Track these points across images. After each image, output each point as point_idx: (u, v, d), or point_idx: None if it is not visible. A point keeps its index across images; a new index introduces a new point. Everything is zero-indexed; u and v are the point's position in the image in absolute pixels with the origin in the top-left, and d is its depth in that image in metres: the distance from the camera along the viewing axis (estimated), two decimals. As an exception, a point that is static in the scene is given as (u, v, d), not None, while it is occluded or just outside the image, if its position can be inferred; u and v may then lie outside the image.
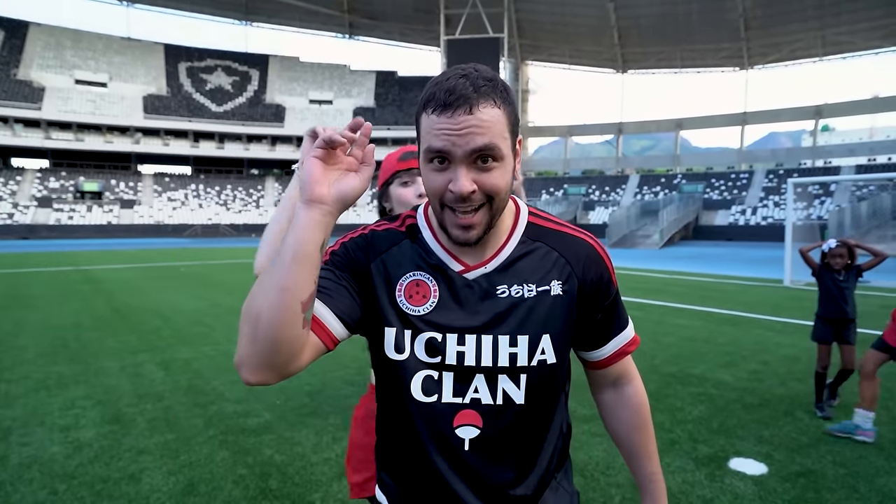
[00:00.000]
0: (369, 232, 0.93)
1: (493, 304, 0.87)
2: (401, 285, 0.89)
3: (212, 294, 10.23)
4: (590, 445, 3.30)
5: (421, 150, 0.83)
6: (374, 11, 54.40)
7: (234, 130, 52.91)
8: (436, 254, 0.90)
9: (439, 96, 0.79)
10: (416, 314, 0.87)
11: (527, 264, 0.90)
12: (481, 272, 0.89)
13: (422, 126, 0.82)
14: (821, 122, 48.66)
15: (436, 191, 0.82)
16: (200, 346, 6.01)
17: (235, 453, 3.23)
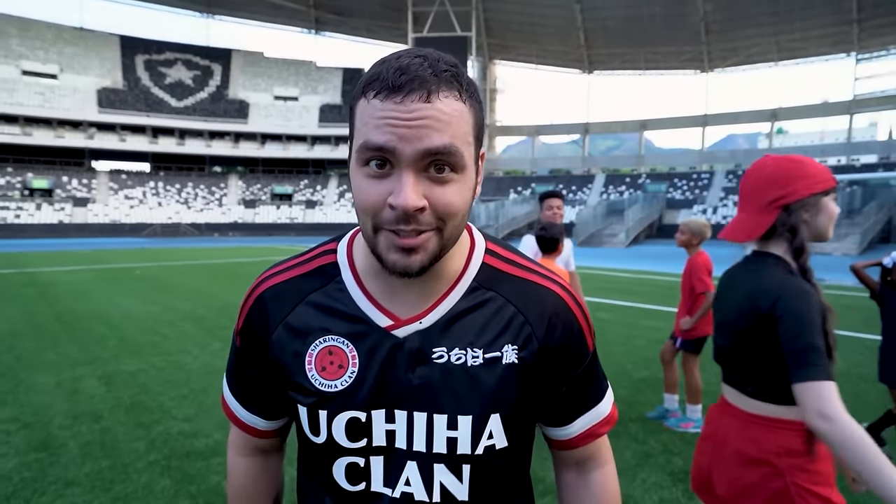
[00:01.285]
0: (268, 290, 0.74)
1: (427, 372, 0.69)
2: (310, 356, 0.71)
3: (167, 298, 9.72)
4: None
5: (353, 148, 0.62)
6: (341, 7, 53.59)
7: (196, 126, 51.28)
8: (356, 303, 0.71)
9: (386, 76, 0.58)
10: (332, 390, 0.69)
11: (474, 321, 0.70)
12: (415, 328, 0.69)
13: (357, 116, 0.61)
14: (776, 124, 50.51)
15: (371, 206, 0.61)
16: (149, 356, 5.62)
17: (178, 481, 2.93)
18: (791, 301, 1.19)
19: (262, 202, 50.88)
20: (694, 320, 3.58)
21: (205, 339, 6.46)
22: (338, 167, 57.38)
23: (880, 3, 39.12)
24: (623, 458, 3.22)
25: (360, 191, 0.61)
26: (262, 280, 0.76)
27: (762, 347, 1.25)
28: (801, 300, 1.19)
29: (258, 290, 0.75)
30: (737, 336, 1.33)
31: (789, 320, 1.17)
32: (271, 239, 39.36)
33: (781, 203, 1.27)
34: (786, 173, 1.28)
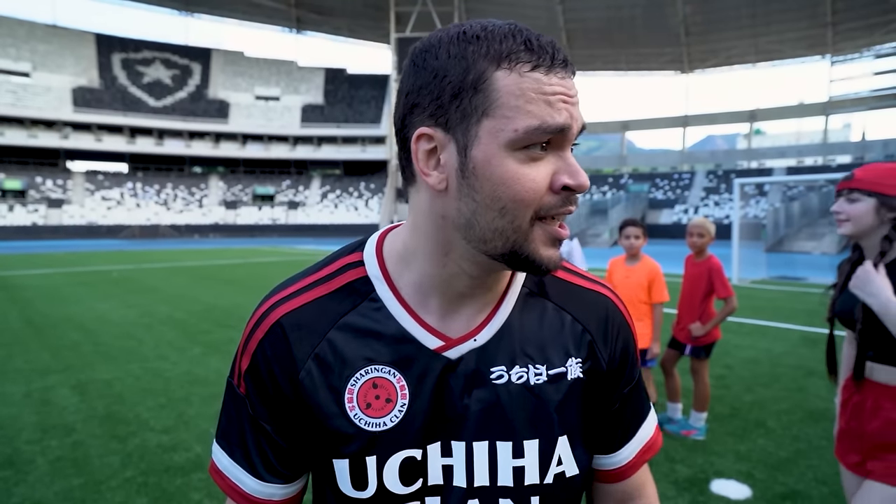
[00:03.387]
0: (286, 316, 0.60)
1: (486, 395, 0.60)
2: (350, 392, 0.59)
3: (145, 302, 9.40)
4: None
5: (500, 130, 0.51)
6: (323, 6, 53.06)
7: (175, 126, 50.37)
8: (399, 323, 0.60)
9: (535, 46, 0.51)
10: (382, 429, 0.59)
11: (533, 333, 0.62)
12: (469, 347, 0.60)
13: (503, 90, 0.51)
14: (754, 125, 51.36)
15: (536, 193, 0.52)
16: (126, 363, 5.37)
17: (156, 500, 2.74)
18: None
19: (243, 203, 50.14)
20: (710, 326, 3.41)
21: (184, 344, 6.21)
22: (320, 168, 56.81)
23: (853, 7, 40.02)
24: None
25: (518, 178, 0.51)
26: (275, 304, 0.61)
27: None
28: None
29: (272, 318, 0.60)
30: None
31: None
32: (253, 240, 38.77)
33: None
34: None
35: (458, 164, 0.53)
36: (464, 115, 0.52)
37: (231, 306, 8.91)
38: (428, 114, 0.53)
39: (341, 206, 50.63)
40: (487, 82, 0.51)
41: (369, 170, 55.17)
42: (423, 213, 0.58)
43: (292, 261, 19.18)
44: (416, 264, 0.60)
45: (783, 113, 49.54)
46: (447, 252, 0.58)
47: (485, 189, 0.52)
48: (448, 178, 0.54)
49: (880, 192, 1.43)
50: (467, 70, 0.51)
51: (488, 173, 0.52)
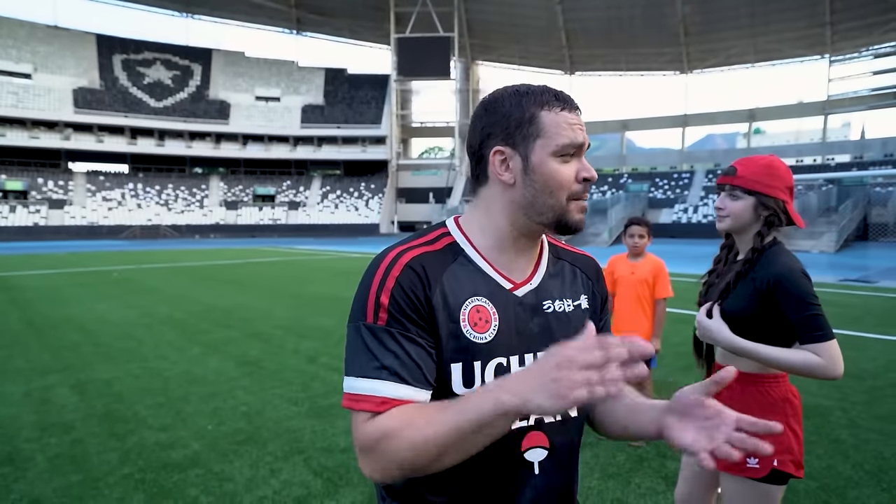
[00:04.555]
0: (413, 260, 0.84)
1: (542, 320, 0.89)
2: (463, 314, 0.84)
3: (145, 302, 9.45)
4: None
5: (547, 146, 0.84)
6: (323, 7, 53.13)
7: (176, 127, 50.41)
8: (485, 272, 0.88)
9: (561, 97, 0.86)
10: (484, 342, 0.84)
11: (562, 280, 0.95)
12: (529, 288, 0.90)
13: (545, 123, 0.84)
14: (753, 124, 51.36)
15: (566, 182, 0.85)
16: (125, 363, 5.41)
17: (153, 496, 2.78)
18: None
19: (243, 203, 50.19)
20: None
21: (183, 344, 6.26)
22: (321, 168, 56.86)
23: (851, 7, 40.04)
24: (616, 463, 3.15)
25: (557, 173, 0.84)
26: (399, 253, 0.85)
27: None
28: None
29: (402, 261, 0.83)
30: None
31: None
32: (254, 240, 38.82)
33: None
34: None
35: (521, 167, 0.85)
36: (524, 137, 0.85)
37: (231, 306, 8.96)
38: (500, 139, 0.86)
39: (341, 206, 50.67)
40: (538, 118, 0.84)
41: (369, 170, 55.21)
42: (495, 200, 0.89)
43: (293, 261, 19.22)
44: (490, 233, 0.89)
45: (782, 112, 49.52)
46: (513, 224, 0.88)
47: (540, 181, 0.85)
48: (515, 176, 0.86)
49: (758, 192, 1.53)
50: (524, 112, 0.84)
51: (542, 170, 0.84)
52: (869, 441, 3.37)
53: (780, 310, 1.46)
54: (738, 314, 1.54)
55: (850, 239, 25.82)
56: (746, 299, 1.52)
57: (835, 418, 3.76)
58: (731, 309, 1.56)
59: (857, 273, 13.55)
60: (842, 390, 4.37)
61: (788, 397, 1.54)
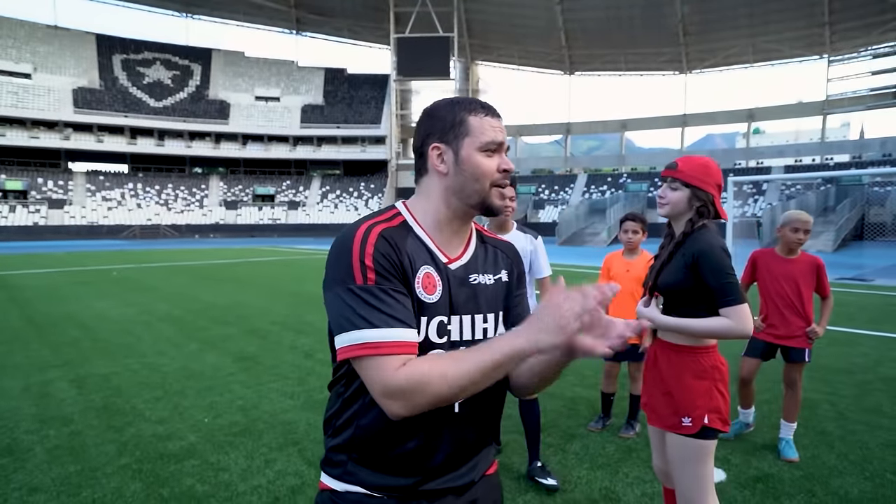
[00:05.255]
0: (384, 231, 1.01)
1: (469, 290, 1.07)
2: (418, 278, 1.02)
3: (144, 300, 9.50)
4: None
5: (476, 141, 1.04)
6: (323, 7, 53.14)
7: (175, 127, 50.43)
8: (430, 247, 1.06)
9: (485, 105, 1.08)
10: (431, 302, 1.02)
11: (485, 259, 1.14)
12: (460, 263, 1.09)
13: (470, 126, 1.05)
14: (752, 124, 51.36)
15: (489, 172, 1.05)
16: (124, 358, 5.47)
17: (150, 485, 2.84)
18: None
19: (243, 203, 50.22)
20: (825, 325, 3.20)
21: (181, 340, 6.31)
22: (320, 168, 56.88)
23: (850, 7, 40.05)
24: (606, 453, 3.21)
25: (481, 164, 1.04)
26: (371, 226, 1.01)
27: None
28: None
29: (375, 231, 1.00)
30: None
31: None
32: (253, 240, 38.86)
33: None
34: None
35: (454, 160, 1.05)
36: (455, 136, 1.05)
37: (229, 304, 9.01)
38: (437, 137, 1.06)
39: (341, 205, 50.70)
40: (466, 121, 1.04)
41: (369, 170, 55.23)
42: (434, 187, 1.08)
43: (292, 260, 19.27)
44: (431, 215, 1.08)
45: (781, 112, 49.53)
46: (448, 206, 1.07)
47: (468, 170, 1.04)
48: (449, 167, 1.06)
49: (694, 185, 1.77)
50: (455, 116, 1.05)
51: (469, 162, 1.04)
52: (855, 432, 3.43)
53: (701, 278, 1.70)
54: (673, 286, 1.79)
55: (847, 238, 25.86)
56: (678, 273, 1.76)
57: (822, 411, 3.81)
58: (668, 282, 1.80)
59: (853, 272, 13.60)
60: (831, 384, 4.42)
61: (717, 365, 1.80)
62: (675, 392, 1.78)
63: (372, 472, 1.04)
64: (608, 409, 3.67)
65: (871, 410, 3.83)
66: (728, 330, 1.67)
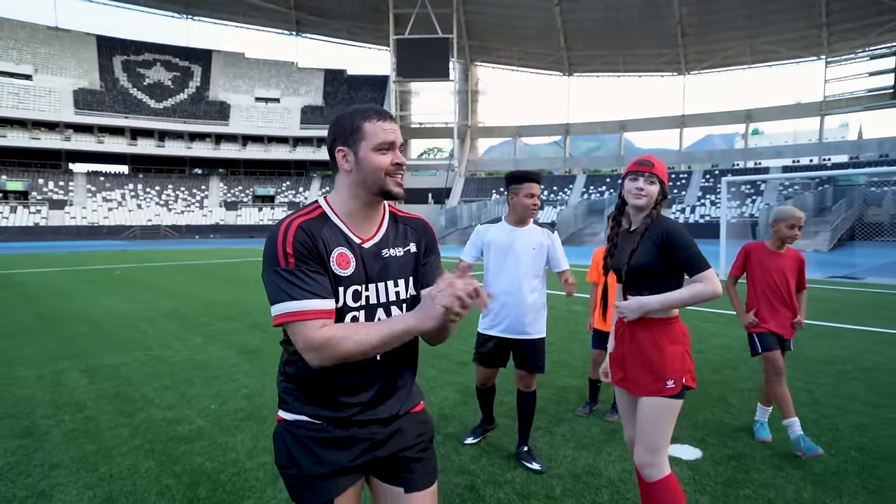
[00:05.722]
0: (304, 222, 1.27)
1: (382, 262, 1.36)
2: (333, 257, 1.28)
3: (148, 297, 9.69)
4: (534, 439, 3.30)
5: (370, 143, 1.30)
6: (322, 9, 53.35)
7: (176, 128, 50.64)
8: (344, 232, 1.33)
9: (379, 111, 1.32)
10: (345, 275, 1.29)
11: (396, 235, 1.40)
12: (372, 242, 1.36)
13: (365, 131, 1.30)
14: (751, 125, 51.55)
15: (383, 166, 1.31)
16: (131, 351, 5.66)
17: (162, 463, 3.03)
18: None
19: (243, 204, 50.42)
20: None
21: (186, 335, 6.50)
22: (320, 168, 57.06)
23: (847, 8, 40.28)
24: (591, 435, 3.40)
25: (376, 161, 1.29)
26: (292, 220, 1.27)
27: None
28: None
29: (295, 224, 1.26)
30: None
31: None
32: (253, 241, 39.04)
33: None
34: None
35: (354, 160, 1.30)
36: (354, 140, 1.29)
37: (231, 301, 9.20)
38: (341, 141, 1.31)
39: (341, 206, 50.91)
40: (362, 127, 1.29)
41: (369, 171, 55.44)
42: (343, 183, 1.34)
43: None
44: (343, 205, 1.34)
45: (779, 113, 49.72)
46: (355, 197, 1.33)
47: (365, 167, 1.29)
48: (351, 166, 1.31)
49: (662, 181, 2.03)
50: (353, 123, 1.29)
51: (366, 160, 1.29)
52: (828, 416, 3.62)
53: (672, 254, 1.94)
54: (645, 266, 2.01)
55: (844, 238, 26.05)
56: (651, 254, 2.00)
57: (800, 397, 4.00)
58: (641, 263, 2.02)
59: (845, 270, 13.80)
60: (811, 374, 4.62)
61: (684, 331, 2.09)
62: (656, 360, 1.99)
63: (314, 406, 1.33)
64: (595, 395, 3.86)
65: (846, 397, 4.02)
66: (703, 292, 1.92)
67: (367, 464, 1.38)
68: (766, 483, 2.73)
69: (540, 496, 2.65)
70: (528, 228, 3.01)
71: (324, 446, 1.33)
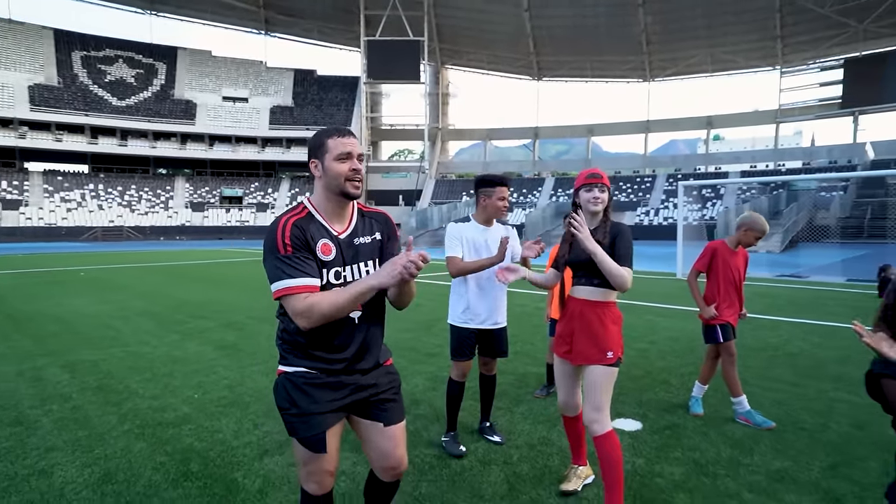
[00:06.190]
0: (296, 221, 1.68)
1: (355, 248, 1.76)
2: (318, 246, 1.69)
3: (118, 298, 9.70)
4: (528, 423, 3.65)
5: (332, 154, 1.69)
6: (292, 8, 52.99)
7: (139, 126, 49.50)
8: (325, 226, 1.74)
9: (341, 130, 1.74)
10: (328, 260, 1.70)
11: (364, 227, 1.81)
12: (346, 233, 1.77)
13: (328, 146, 1.70)
14: (712, 131, 53.58)
15: (343, 172, 1.69)
16: (108, 348, 5.79)
17: (153, 444, 3.26)
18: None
19: (210, 205, 49.60)
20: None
21: (162, 332, 6.64)
22: (290, 169, 56.59)
23: (800, 22, 42.39)
24: (547, 413, 3.78)
25: (337, 168, 1.68)
26: (288, 219, 1.67)
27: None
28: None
29: (291, 221, 1.66)
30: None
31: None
32: (221, 242, 38.51)
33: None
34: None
35: (322, 169, 1.72)
36: (321, 154, 1.71)
37: (205, 301, 9.31)
38: (313, 154, 1.74)
39: (311, 208, 50.57)
40: (325, 143, 1.71)
41: (339, 172, 55.21)
42: (318, 187, 1.75)
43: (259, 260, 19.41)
44: (320, 204, 1.75)
45: (737, 120, 51.88)
46: (328, 198, 1.74)
47: (330, 174, 1.70)
48: (321, 172, 1.73)
49: (609, 190, 2.45)
50: (320, 141, 1.72)
51: (330, 169, 1.70)
52: (753, 394, 4.09)
53: (615, 249, 2.39)
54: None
55: (795, 240, 27.47)
56: (606, 247, 2.40)
57: (733, 380, 4.48)
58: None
59: (792, 269, 14.71)
60: (743, 359, 5.10)
61: (619, 314, 2.51)
62: (600, 335, 2.40)
63: (310, 360, 1.72)
64: (552, 379, 4.24)
65: (771, 378, 4.53)
66: (623, 276, 2.32)
67: (351, 405, 1.77)
68: (693, 447, 3.16)
69: (499, 462, 3.01)
70: (494, 227, 3.33)
71: (318, 389, 1.71)
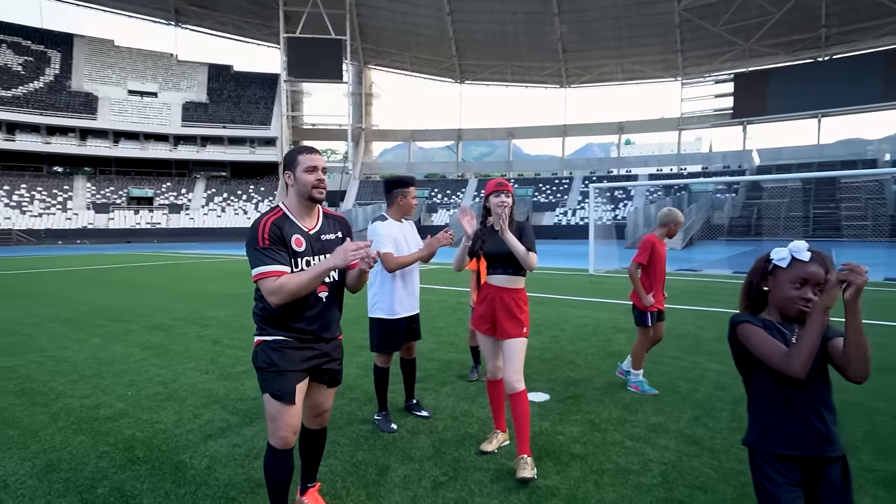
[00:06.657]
0: (275, 220, 2.11)
1: (322, 243, 2.23)
2: (292, 241, 2.13)
3: (21, 304, 9.12)
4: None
5: (301, 168, 2.17)
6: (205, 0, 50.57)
7: (30, 120, 45.21)
8: (297, 224, 2.19)
9: (309, 149, 2.22)
10: (300, 251, 2.16)
11: (329, 226, 2.30)
12: (315, 230, 2.24)
13: (299, 161, 2.17)
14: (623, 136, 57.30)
15: (310, 181, 2.16)
16: (23, 354, 5.58)
17: (94, 437, 3.36)
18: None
19: (116, 206, 46.29)
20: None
21: (81, 336, 6.45)
22: (205, 169, 54.00)
23: (697, 38, 46.36)
24: (468, 392, 4.23)
25: (305, 178, 2.18)
26: (268, 219, 2.11)
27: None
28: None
29: (271, 219, 2.11)
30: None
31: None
32: (130, 246, 36.16)
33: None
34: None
35: (295, 177, 2.22)
36: (294, 167, 2.22)
37: (123, 305, 8.99)
38: (288, 168, 2.24)
39: (229, 209, 48.61)
40: (297, 159, 2.22)
41: (259, 172, 53.48)
42: (292, 192, 2.24)
43: (181, 263, 18.63)
44: (293, 206, 2.24)
45: (645, 126, 55.85)
46: (299, 201, 2.23)
47: (300, 182, 2.21)
48: (293, 181, 2.23)
49: (512, 195, 3.02)
50: (293, 157, 2.23)
51: (300, 178, 2.20)
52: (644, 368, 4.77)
53: (523, 240, 2.90)
54: (508, 252, 2.96)
55: (695, 238, 30.18)
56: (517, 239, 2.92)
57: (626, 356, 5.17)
58: (506, 250, 2.97)
59: (688, 264, 16.34)
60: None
61: (527, 297, 3.08)
62: (517, 314, 2.97)
63: (285, 331, 2.16)
64: (477, 358, 4.71)
65: (659, 354, 5.25)
66: (531, 257, 2.91)
67: (313, 368, 2.23)
68: (590, 411, 3.73)
69: (426, 432, 3.41)
70: (405, 223, 3.69)
71: (292, 351, 2.17)
